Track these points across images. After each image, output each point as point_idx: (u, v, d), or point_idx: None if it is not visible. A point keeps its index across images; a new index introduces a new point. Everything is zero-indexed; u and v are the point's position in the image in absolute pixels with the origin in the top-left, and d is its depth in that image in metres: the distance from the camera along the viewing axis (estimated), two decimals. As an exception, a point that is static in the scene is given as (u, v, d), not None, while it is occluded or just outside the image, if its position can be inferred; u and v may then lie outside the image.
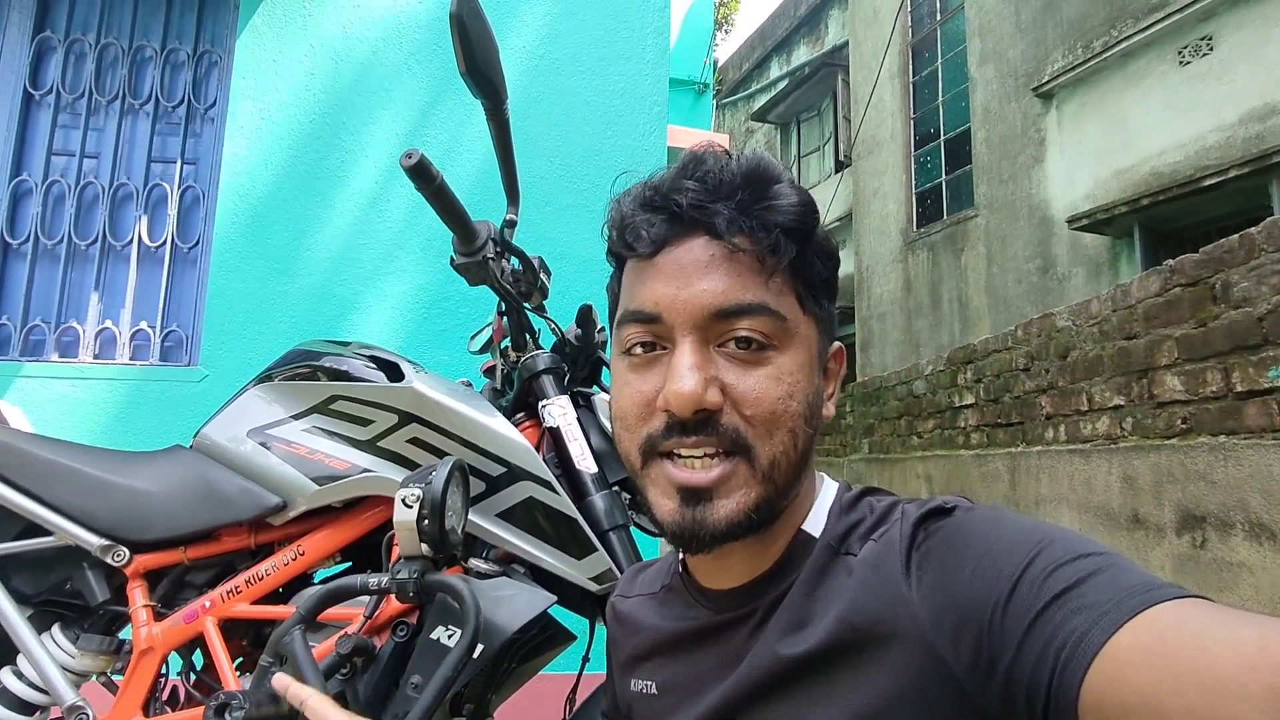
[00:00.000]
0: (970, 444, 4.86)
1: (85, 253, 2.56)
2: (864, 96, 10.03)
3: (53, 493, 1.14)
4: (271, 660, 0.90)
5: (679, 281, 0.55)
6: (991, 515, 0.51)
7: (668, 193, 0.57)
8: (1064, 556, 0.45)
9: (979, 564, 0.47)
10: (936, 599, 0.48)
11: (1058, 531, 0.47)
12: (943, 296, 8.71)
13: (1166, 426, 3.00)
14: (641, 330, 0.57)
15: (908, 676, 0.48)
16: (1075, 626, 0.41)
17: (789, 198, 0.56)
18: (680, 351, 0.54)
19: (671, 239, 0.56)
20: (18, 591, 1.15)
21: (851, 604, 0.52)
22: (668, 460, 0.56)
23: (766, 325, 0.54)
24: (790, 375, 0.55)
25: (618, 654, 0.73)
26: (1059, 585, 0.43)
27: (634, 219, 0.58)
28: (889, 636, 0.50)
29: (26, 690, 1.12)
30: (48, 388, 2.34)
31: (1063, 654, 0.41)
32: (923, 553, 0.51)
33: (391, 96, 2.64)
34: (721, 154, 0.58)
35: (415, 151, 1.00)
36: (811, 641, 0.53)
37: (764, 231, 0.54)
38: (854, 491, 0.61)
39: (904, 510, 0.55)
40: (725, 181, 0.56)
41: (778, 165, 0.58)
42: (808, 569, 0.57)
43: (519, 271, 1.22)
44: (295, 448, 1.14)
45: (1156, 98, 6.21)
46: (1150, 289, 3.18)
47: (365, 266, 2.55)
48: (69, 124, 2.62)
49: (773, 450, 0.54)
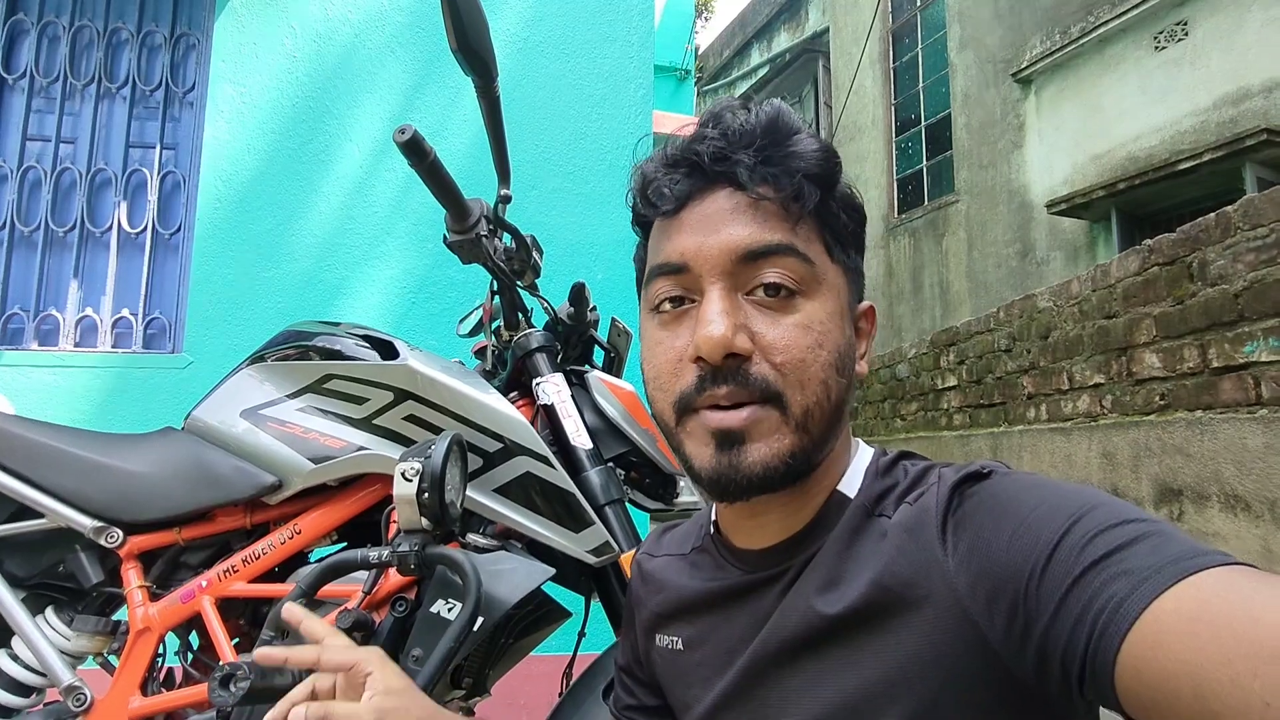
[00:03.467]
0: (953, 425, 4.93)
1: (63, 239, 2.52)
2: (845, 83, 10.05)
3: (43, 475, 1.13)
4: (273, 634, 0.90)
5: (705, 230, 0.55)
6: (1030, 480, 0.51)
7: (689, 147, 0.57)
8: (1106, 522, 0.43)
9: (1017, 529, 0.46)
10: (972, 564, 0.48)
11: (1100, 497, 0.46)
12: (924, 282, 8.78)
13: (1145, 403, 3.06)
14: (670, 283, 0.57)
15: (940, 640, 0.48)
16: (1115, 592, 0.40)
17: (810, 145, 0.56)
18: (709, 298, 0.54)
19: (695, 193, 0.57)
20: (10, 574, 1.14)
21: (885, 567, 0.52)
22: (704, 412, 0.55)
23: (794, 268, 0.54)
24: (820, 324, 0.55)
25: (641, 610, 0.73)
26: (1099, 551, 0.42)
27: (656, 178, 0.58)
28: (922, 600, 0.49)
29: (23, 672, 1.11)
30: (28, 376, 2.31)
31: (1101, 619, 0.40)
32: (958, 518, 0.51)
33: (376, 79, 2.61)
34: (739, 107, 0.58)
35: (408, 127, 0.99)
36: (844, 602, 0.53)
37: (787, 178, 0.54)
38: (890, 455, 0.61)
39: (940, 474, 0.55)
40: (746, 131, 0.56)
41: (797, 116, 0.58)
42: (841, 528, 0.56)
43: (512, 249, 1.22)
44: (290, 427, 1.14)
45: (1132, 83, 6.29)
46: (1129, 268, 3.23)
47: (352, 251, 2.53)
48: (44, 108, 2.57)
49: (805, 400, 0.54)
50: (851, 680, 0.52)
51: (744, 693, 0.59)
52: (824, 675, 0.53)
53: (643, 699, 0.74)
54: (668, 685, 0.70)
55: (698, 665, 0.65)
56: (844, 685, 0.52)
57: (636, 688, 0.75)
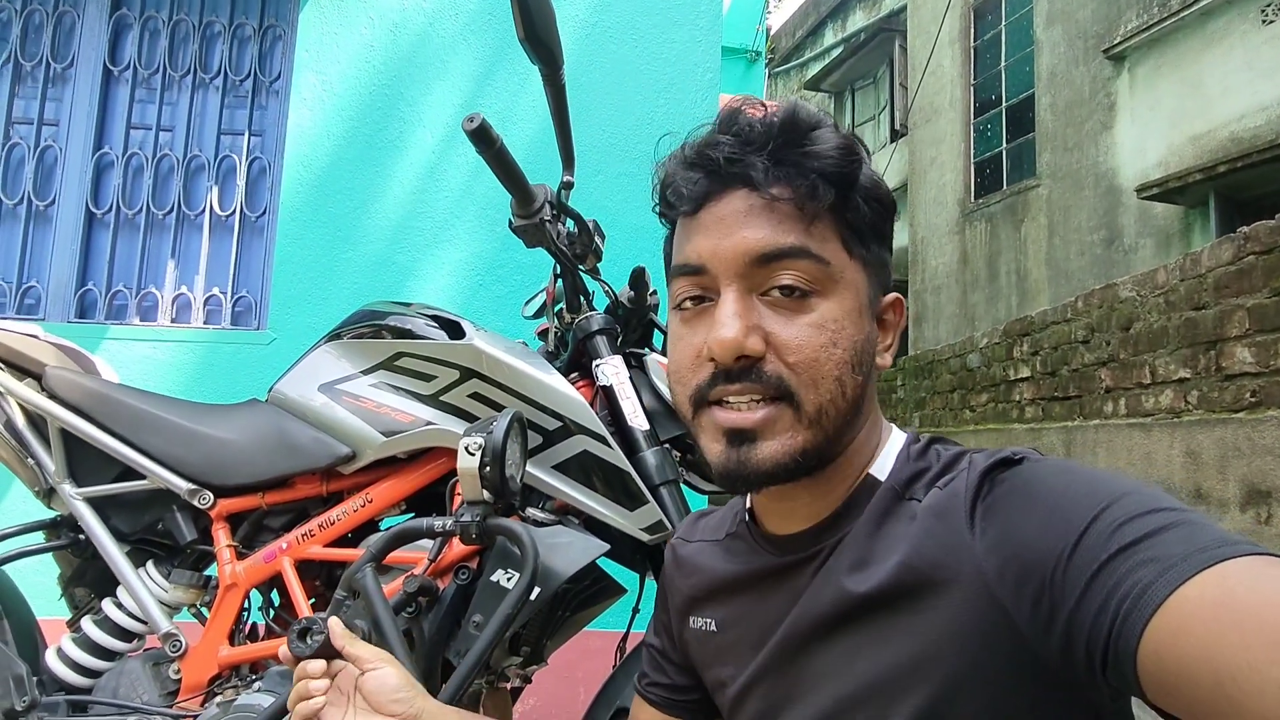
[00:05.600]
0: (1024, 417, 4.76)
1: (162, 222, 2.69)
2: (921, 63, 9.70)
3: (145, 440, 1.22)
4: (345, 594, 0.96)
5: (720, 232, 0.57)
6: (1062, 466, 0.51)
7: (704, 149, 0.58)
8: (1135, 510, 0.44)
9: (1047, 514, 0.47)
10: (1001, 548, 0.48)
11: (1131, 485, 0.46)
12: (1000, 269, 8.45)
13: (1234, 400, 2.89)
14: (689, 283, 0.59)
15: (966, 622, 0.49)
16: (1140, 578, 0.40)
17: (827, 142, 0.56)
18: (723, 300, 0.56)
19: (712, 194, 0.58)
20: (116, 529, 1.24)
21: (914, 549, 0.53)
22: (716, 407, 0.57)
23: (808, 270, 0.55)
24: (834, 322, 0.55)
25: (674, 595, 0.75)
26: (1128, 537, 0.42)
27: (675, 179, 0.60)
28: (949, 583, 0.50)
29: (126, 619, 1.22)
30: (130, 349, 2.48)
31: (1125, 604, 0.40)
32: (989, 503, 0.51)
33: (447, 67, 2.68)
34: (756, 106, 0.59)
35: (477, 115, 1.03)
36: (874, 581, 0.54)
37: (801, 178, 0.55)
38: (922, 441, 0.62)
39: (972, 460, 0.55)
40: (760, 132, 0.56)
41: (816, 111, 0.58)
42: (870, 510, 0.57)
43: (574, 234, 1.25)
44: (363, 402, 1.20)
45: (1237, 59, 5.87)
46: (1222, 257, 3.05)
47: (423, 234, 2.62)
48: (145, 99, 2.74)
49: (818, 398, 0.55)
50: (883, 657, 0.53)
51: (778, 669, 0.61)
52: (856, 653, 0.55)
53: (674, 678, 0.77)
54: (702, 666, 0.72)
55: (732, 645, 0.66)
56: (875, 662, 0.53)
57: (668, 667, 0.77)
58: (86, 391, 1.25)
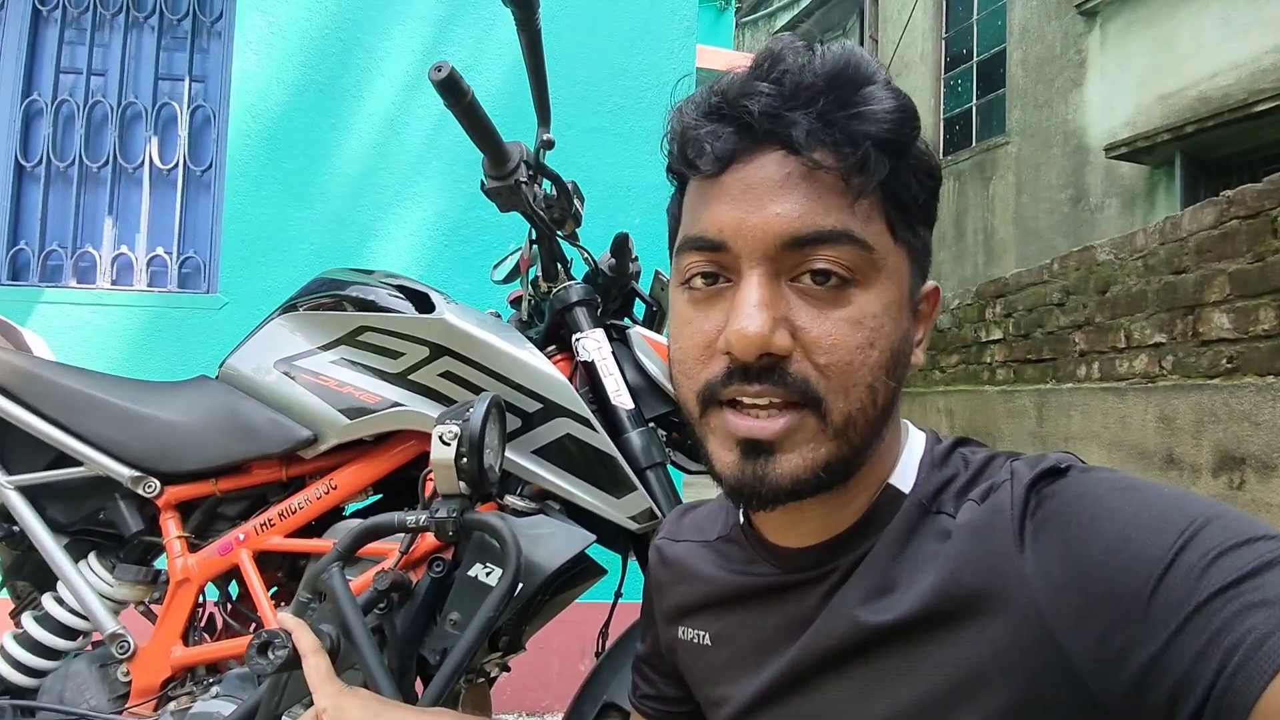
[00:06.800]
0: (996, 380, 4.81)
1: (97, 175, 2.50)
2: (892, 14, 9.55)
3: (80, 422, 1.12)
4: (310, 596, 0.89)
5: (748, 204, 0.47)
6: (1122, 481, 0.45)
7: (737, 98, 0.48)
8: (1228, 540, 0.39)
9: (1117, 540, 0.41)
10: (1056, 574, 0.43)
11: (1209, 506, 0.41)
12: (967, 227, 8.49)
13: (1210, 365, 2.93)
14: (703, 259, 0.50)
15: (1010, 655, 0.43)
16: (1254, 625, 0.36)
17: (883, 103, 0.47)
18: (746, 286, 0.47)
19: (740, 154, 0.48)
20: (53, 520, 1.15)
21: (952, 573, 0.46)
22: (728, 409, 0.49)
23: (849, 256, 0.47)
24: (874, 319, 0.47)
25: (662, 599, 0.69)
26: (1227, 575, 0.37)
27: (697, 130, 0.49)
28: (993, 611, 0.44)
29: (68, 616, 1.13)
30: (67, 314, 2.32)
31: (1236, 655, 0.36)
32: (1038, 520, 0.45)
33: (409, 7, 2.50)
34: (802, 50, 0.48)
35: (445, 64, 0.92)
36: (900, 610, 0.48)
37: (850, 145, 0.46)
38: (945, 443, 0.55)
39: (1013, 470, 0.48)
40: (805, 84, 0.46)
41: (872, 62, 0.48)
42: (894, 528, 0.51)
43: (552, 197, 1.15)
44: (324, 380, 1.11)
45: (1213, 14, 5.85)
46: (1204, 221, 3.05)
47: (384, 192, 2.47)
48: (75, 40, 2.52)
49: (848, 407, 0.47)
50: (905, 693, 0.47)
51: (780, 700, 0.55)
52: (874, 687, 0.49)
53: (663, 689, 0.71)
54: (693, 680, 0.66)
55: (726, 664, 0.61)
56: (896, 698, 0.47)
57: (657, 678, 0.72)
58: (13, 369, 1.14)
